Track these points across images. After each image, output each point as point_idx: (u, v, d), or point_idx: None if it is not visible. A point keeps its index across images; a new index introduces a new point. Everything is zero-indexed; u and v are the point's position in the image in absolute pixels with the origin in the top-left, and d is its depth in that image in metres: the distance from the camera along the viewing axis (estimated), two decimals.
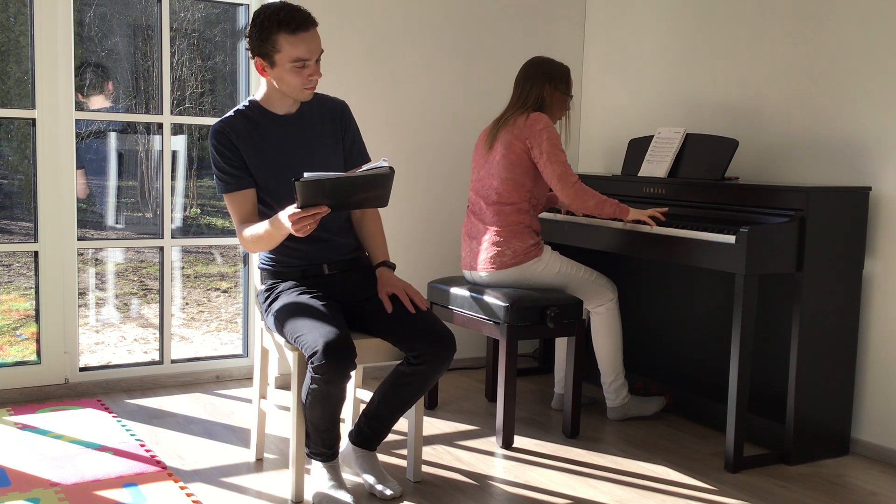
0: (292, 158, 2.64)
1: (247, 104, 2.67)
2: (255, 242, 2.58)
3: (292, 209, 2.36)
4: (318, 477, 2.58)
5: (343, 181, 2.35)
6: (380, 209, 2.87)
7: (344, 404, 2.51)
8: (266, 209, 2.66)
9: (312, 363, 2.36)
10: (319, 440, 2.54)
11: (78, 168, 3.68)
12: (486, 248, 3.27)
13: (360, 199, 2.45)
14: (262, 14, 2.50)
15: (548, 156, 3.19)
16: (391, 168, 2.39)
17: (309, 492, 2.62)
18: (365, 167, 2.40)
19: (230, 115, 2.65)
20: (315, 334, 2.39)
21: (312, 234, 2.60)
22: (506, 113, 3.33)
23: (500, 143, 3.27)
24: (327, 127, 2.72)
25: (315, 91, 2.66)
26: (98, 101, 3.85)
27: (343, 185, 2.36)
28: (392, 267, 2.74)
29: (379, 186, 2.41)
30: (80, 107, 3.61)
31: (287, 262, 2.70)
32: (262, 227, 2.53)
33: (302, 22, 2.47)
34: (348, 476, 2.78)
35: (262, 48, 2.51)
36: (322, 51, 2.56)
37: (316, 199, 2.34)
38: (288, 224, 2.37)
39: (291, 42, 2.48)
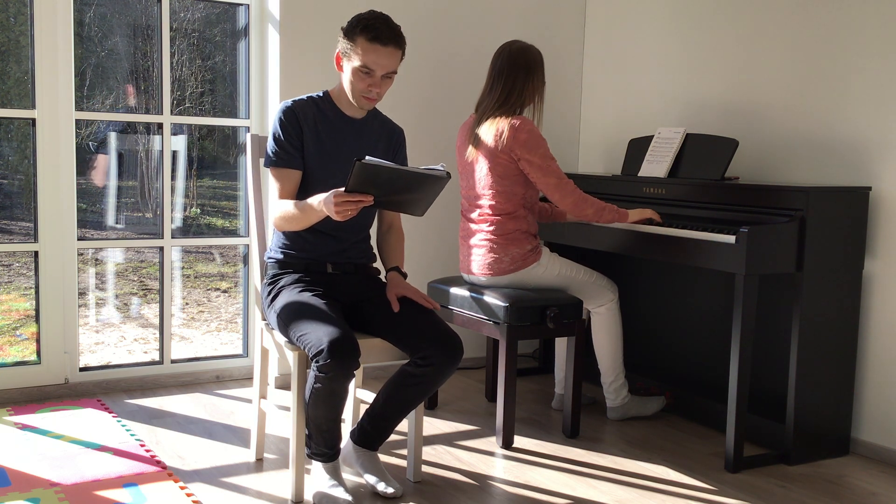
0: (345, 156, 2.72)
1: (321, 94, 2.78)
2: (287, 220, 2.63)
3: (338, 190, 2.40)
4: (318, 476, 2.58)
5: (401, 174, 2.38)
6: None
7: (346, 402, 2.51)
8: (304, 194, 2.70)
9: (317, 362, 2.37)
10: (321, 440, 2.54)
11: (100, 153, 3.69)
12: (484, 255, 3.26)
13: (405, 200, 2.48)
14: (359, 16, 2.65)
15: (540, 169, 3.16)
16: (448, 174, 2.42)
17: (309, 492, 2.62)
18: (423, 167, 2.43)
19: (303, 98, 2.75)
20: (319, 333, 2.40)
21: (329, 233, 2.68)
22: (487, 108, 3.24)
23: (483, 154, 3.20)
24: (382, 143, 2.82)
25: (376, 106, 2.81)
26: (131, 99, 3.87)
27: (399, 179, 2.39)
28: (404, 275, 2.78)
29: (429, 189, 2.45)
30: (79, 106, 3.61)
31: (296, 254, 2.73)
32: (298, 204, 2.58)
33: (380, 35, 2.60)
34: (348, 476, 2.78)
35: (345, 44, 2.65)
36: (394, 70, 2.66)
37: (367, 186, 2.37)
38: (331, 204, 2.40)
39: (364, 48, 2.60)
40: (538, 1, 4.31)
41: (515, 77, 3.24)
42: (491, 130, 3.19)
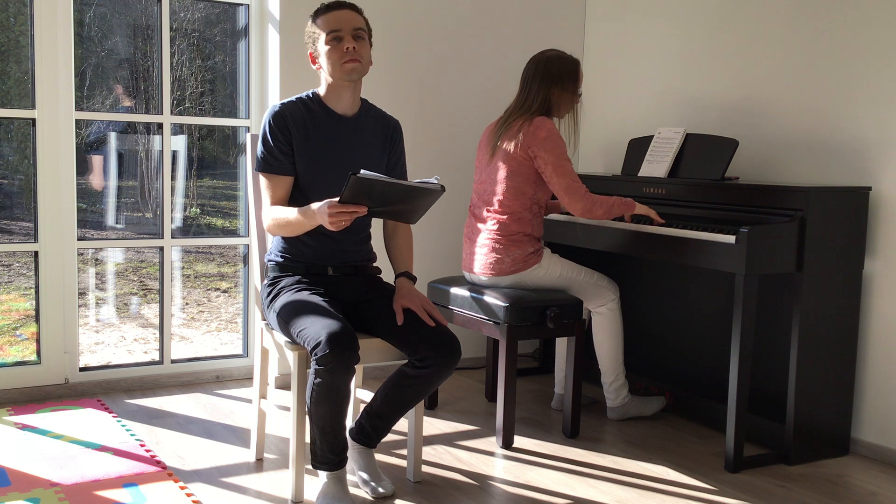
0: (338, 157, 2.70)
1: (309, 95, 2.75)
2: (280, 226, 2.62)
3: (332, 201, 2.40)
4: (322, 491, 2.53)
5: (396, 188, 2.39)
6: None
7: (348, 405, 2.50)
8: (300, 196, 2.69)
9: (316, 354, 2.36)
10: (326, 444, 2.49)
11: (95, 154, 3.69)
12: (486, 254, 3.27)
13: (398, 210, 2.49)
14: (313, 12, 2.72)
15: (553, 167, 3.16)
16: (442, 187, 2.43)
17: (309, 492, 2.62)
18: (417, 180, 2.43)
19: (291, 101, 2.72)
20: (318, 326, 2.39)
21: (329, 235, 2.67)
22: (510, 115, 3.27)
23: (501, 151, 3.24)
24: (377, 139, 2.79)
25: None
26: (129, 101, 3.87)
27: (393, 192, 2.40)
28: (413, 280, 2.75)
29: (423, 201, 2.46)
30: (79, 106, 3.61)
31: (296, 256, 2.72)
32: (291, 212, 2.57)
33: (334, 4, 2.67)
34: (354, 490, 2.77)
35: (309, 36, 2.69)
36: (360, 27, 2.66)
37: (361, 198, 2.38)
38: (325, 215, 2.40)
39: (324, 21, 2.65)
40: (538, 1, 4.31)
41: (538, 87, 3.25)
42: (512, 128, 3.23)
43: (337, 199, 2.40)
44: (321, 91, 2.74)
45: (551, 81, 3.25)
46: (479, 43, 4.18)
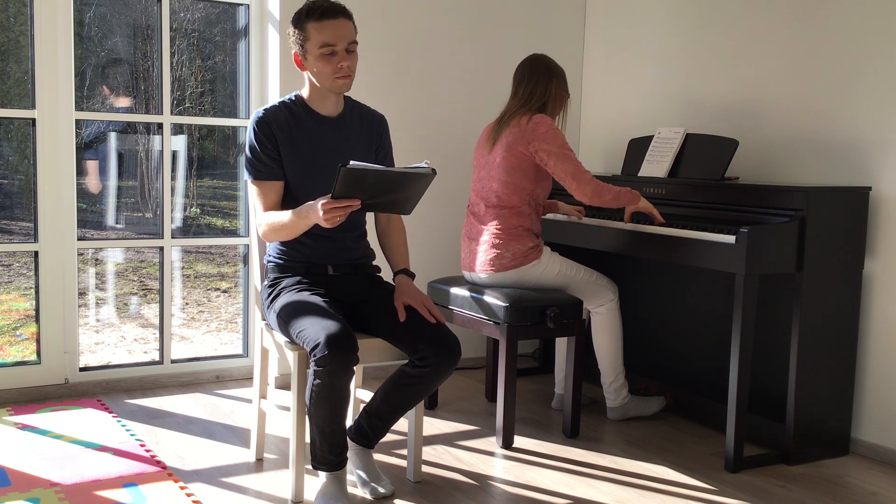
0: (325, 158, 2.69)
1: (292, 98, 2.73)
2: (275, 231, 2.61)
3: (325, 198, 2.40)
4: (321, 490, 2.54)
5: (387, 175, 2.37)
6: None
7: (348, 406, 2.50)
8: (290, 200, 2.68)
9: (315, 356, 2.36)
10: (325, 445, 2.49)
11: (89, 159, 3.69)
12: (486, 251, 3.27)
13: (391, 200, 2.47)
14: (299, 9, 2.62)
15: (557, 157, 3.17)
16: (433, 170, 2.42)
17: (309, 492, 2.62)
18: (408, 165, 2.43)
19: (274, 105, 2.70)
20: (317, 327, 2.39)
21: (326, 234, 2.65)
22: (509, 110, 3.31)
23: (500, 145, 3.26)
24: (363, 136, 2.78)
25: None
26: (123, 102, 3.87)
27: (385, 180, 2.38)
28: (412, 276, 2.75)
29: (416, 188, 2.45)
30: (79, 106, 3.61)
31: (295, 257, 2.72)
32: (285, 215, 2.56)
33: (328, 10, 2.58)
34: (353, 490, 2.77)
35: (298, 40, 2.62)
36: (353, 41, 2.62)
37: (354, 190, 2.36)
38: (319, 213, 2.39)
39: (318, 28, 2.57)
40: (538, 1, 4.31)
41: (536, 81, 3.30)
42: (510, 125, 3.25)
43: (328, 195, 2.39)
44: (305, 93, 2.72)
45: (551, 74, 3.31)
46: (480, 43, 4.18)
